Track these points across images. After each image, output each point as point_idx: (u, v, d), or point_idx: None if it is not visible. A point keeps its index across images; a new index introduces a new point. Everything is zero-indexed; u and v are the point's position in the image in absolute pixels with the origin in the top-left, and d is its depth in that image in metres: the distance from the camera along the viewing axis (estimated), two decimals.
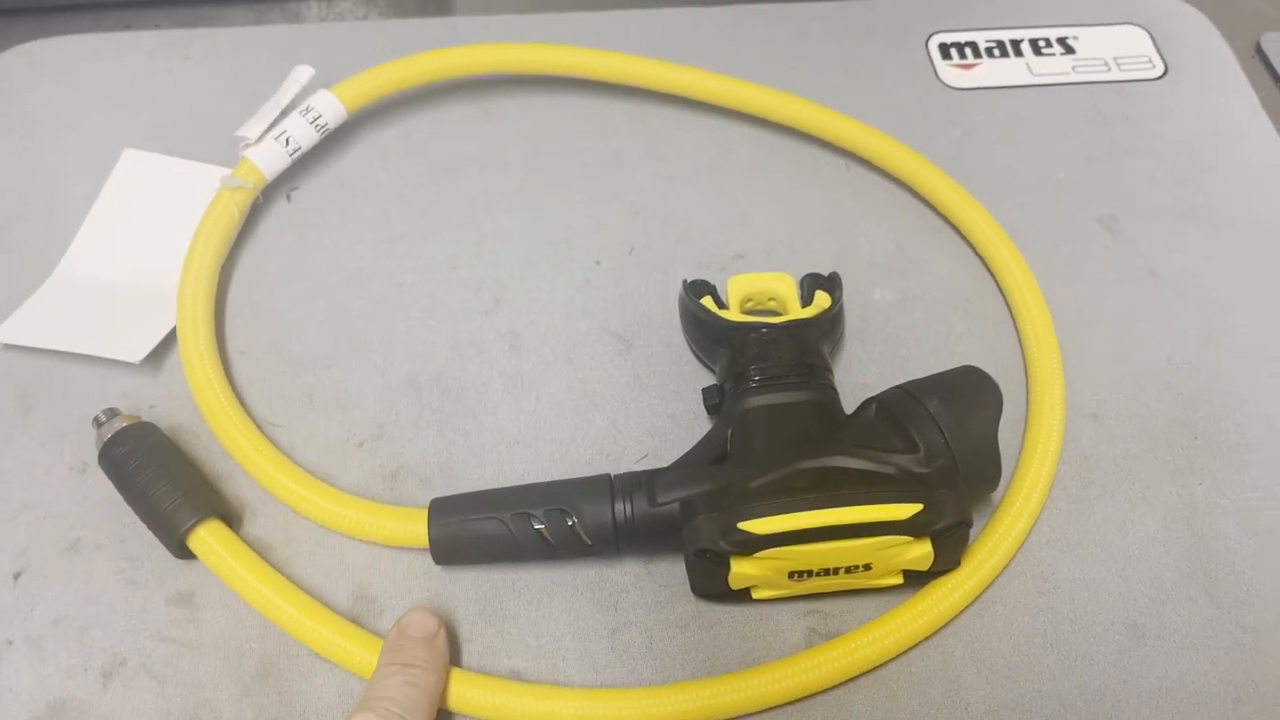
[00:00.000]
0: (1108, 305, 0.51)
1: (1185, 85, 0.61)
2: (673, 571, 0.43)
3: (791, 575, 0.39)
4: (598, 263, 0.52)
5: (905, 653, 0.41)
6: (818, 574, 0.39)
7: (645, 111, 0.58)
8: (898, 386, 0.42)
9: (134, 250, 0.52)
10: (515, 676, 0.40)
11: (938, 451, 0.40)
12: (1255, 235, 0.54)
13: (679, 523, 0.39)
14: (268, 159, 0.51)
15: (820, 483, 0.39)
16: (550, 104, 0.58)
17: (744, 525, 0.37)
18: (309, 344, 0.49)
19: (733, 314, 0.47)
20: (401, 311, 0.50)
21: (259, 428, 0.45)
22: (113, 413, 0.44)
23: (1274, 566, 0.43)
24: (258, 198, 0.52)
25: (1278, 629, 0.42)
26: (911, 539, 0.38)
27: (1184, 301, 0.51)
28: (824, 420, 0.42)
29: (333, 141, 0.55)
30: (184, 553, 0.42)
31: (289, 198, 0.54)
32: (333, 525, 0.43)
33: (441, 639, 0.39)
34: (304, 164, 0.54)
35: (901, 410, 0.41)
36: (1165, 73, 0.61)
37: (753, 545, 0.37)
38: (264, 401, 0.47)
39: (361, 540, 0.43)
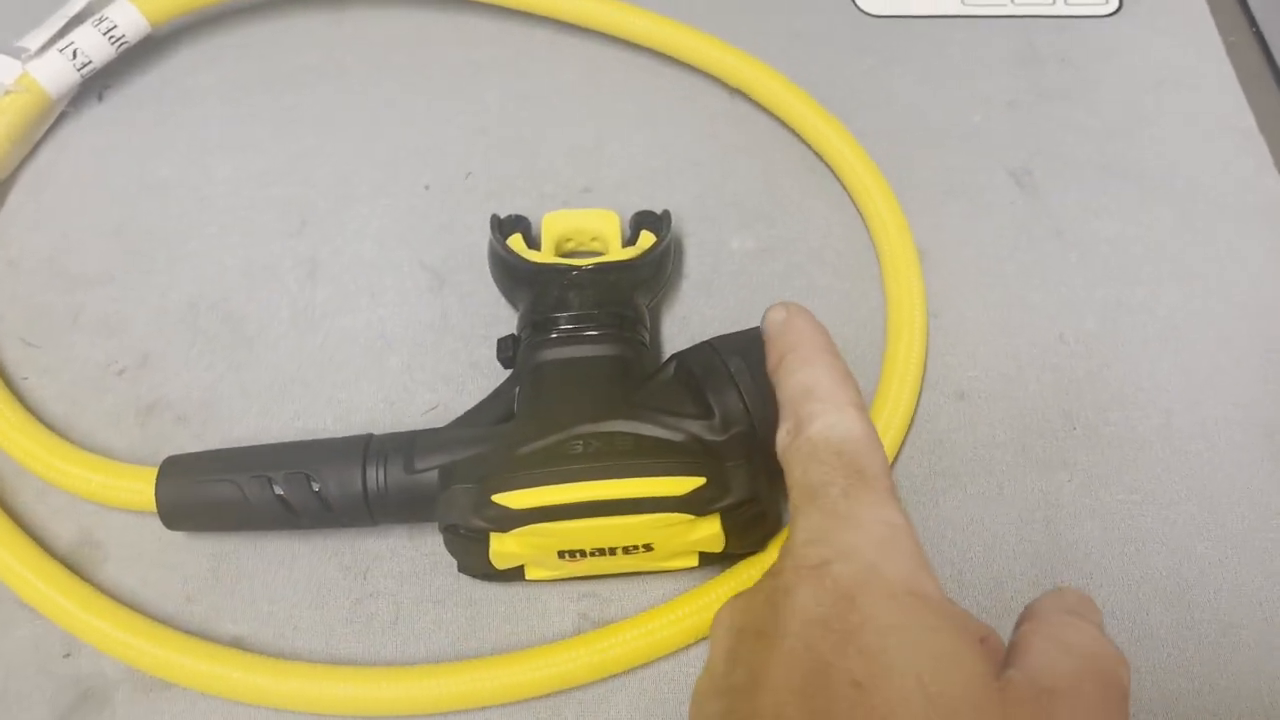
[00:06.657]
0: (1003, 269, 0.45)
1: (1138, 25, 0.53)
2: (439, 540, 0.38)
3: (562, 555, 0.34)
4: (426, 187, 0.46)
5: (686, 649, 0.35)
6: (591, 554, 0.34)
7: (511, 29, 0.52)
8: (706, 341, 0.36)
9: None
10: (236, 644, 0.36)
11: (735, 418, 0.34)
12: (1189, 202, 0.46)
13: (438, 492, 0.34)
14: (51, 74, 0.45)
15: (598, 451, 0.33)
16: (410, 15, 0.52)
17: (498, 499, 0.32)
18: (88, 258, 0.44)
19: (543, 255, 0.41)
20: (197, 228, 0.45)
21: None
22: None
23: (1136, 580, 0.37)
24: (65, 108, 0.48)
25: (1135, 650, 0.36)
26: (694, 517, 0.32)
27: (1090, 272, 0.44)
28: (624, 379, 0.37)
29: (162, 40, 0.49)
30: None
31: (101, 96, 0.49)
32: (50, 479, 0.38)
33: None
34: (126, 60, 0.48)
35: (700, 368, 0.35)
36: (1119, 8, 0.53)
37: (508, 521, 0.32)
38: (24, 318, 0.42)
39: (84, 499, 0.38)
